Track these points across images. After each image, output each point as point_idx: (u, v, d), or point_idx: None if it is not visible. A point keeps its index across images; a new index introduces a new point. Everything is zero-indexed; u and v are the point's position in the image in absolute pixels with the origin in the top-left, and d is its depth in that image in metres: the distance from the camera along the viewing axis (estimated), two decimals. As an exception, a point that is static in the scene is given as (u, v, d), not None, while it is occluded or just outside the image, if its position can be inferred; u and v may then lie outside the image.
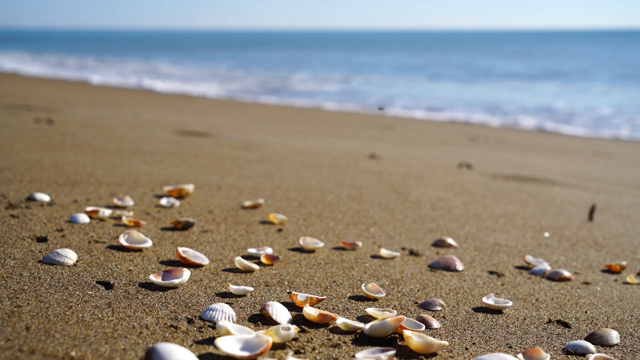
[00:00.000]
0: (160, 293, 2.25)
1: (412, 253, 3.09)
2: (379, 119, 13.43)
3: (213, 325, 2.01)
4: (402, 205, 4.13)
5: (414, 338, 1.96)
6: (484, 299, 2.43)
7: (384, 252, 2.99)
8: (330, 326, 2.10)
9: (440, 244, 3.27)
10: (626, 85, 23.67)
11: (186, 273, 2.36)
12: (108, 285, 2.28)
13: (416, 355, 1.95)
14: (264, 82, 24.26)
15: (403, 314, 2.29)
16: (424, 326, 2.14)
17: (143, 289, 2.26)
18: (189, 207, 3.58)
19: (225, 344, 1.80)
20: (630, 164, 8.19)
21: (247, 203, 3.71)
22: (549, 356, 1.97)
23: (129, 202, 3.48)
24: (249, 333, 1.90)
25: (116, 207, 3.42)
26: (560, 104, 17.64)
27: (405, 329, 2.05)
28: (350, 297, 2.41)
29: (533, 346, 2.11)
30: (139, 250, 2.72)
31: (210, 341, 1.89)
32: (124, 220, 3.08)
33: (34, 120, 7.06)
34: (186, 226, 3.13)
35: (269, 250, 2.84)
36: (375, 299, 2.41)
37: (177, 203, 3.58)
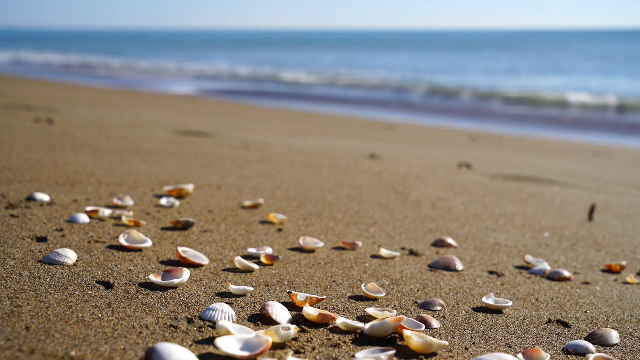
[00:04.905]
0: (160, 293, 2.25)
1: (412, 253, 3.09)
2: (379, 119, 13.43)
3: (213, 325, 2.01)
4: (402, 205, 4.12)
5: (414, 338, 1.96)
6: (484, 299, 2.43)
7: (384, 252, 2.98)
8: (330, 326, 2.10)
9: (440, 244, 3.27)
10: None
11: (186, 273, 2.36)
12: (108, 285, 2.28)
13: (416, 355, 1.95)
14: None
15: (403, 314, 2.29)
16: (424, 326, 2.14)
17: (143, 289, 2.26)
18: (189, 207, 3.57)
19: (225, 344, 1.80)
20: (630, 164, 8.18)
21: (247, 203, 3.71)
22: (549, 356, 1.97)
23: (129, 202, 3.48)
24: (249, 333, 1.90)
25: (116, 207, 3.42)
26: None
27: (405, 329, 2.05)
28: (350, 297, 2.41)
29: (533, 346, 2.11)
30: (139, 250, 2.72)
31: (210, 341, 1.89)
32: (124, 220, 3.08)
33: (34, 120, 7.06)
34: (186, 226, 3.12)
35: (269, 250, 2.84)
36: (375, 299, 2.41)
37: (177, 203, 3.58)
